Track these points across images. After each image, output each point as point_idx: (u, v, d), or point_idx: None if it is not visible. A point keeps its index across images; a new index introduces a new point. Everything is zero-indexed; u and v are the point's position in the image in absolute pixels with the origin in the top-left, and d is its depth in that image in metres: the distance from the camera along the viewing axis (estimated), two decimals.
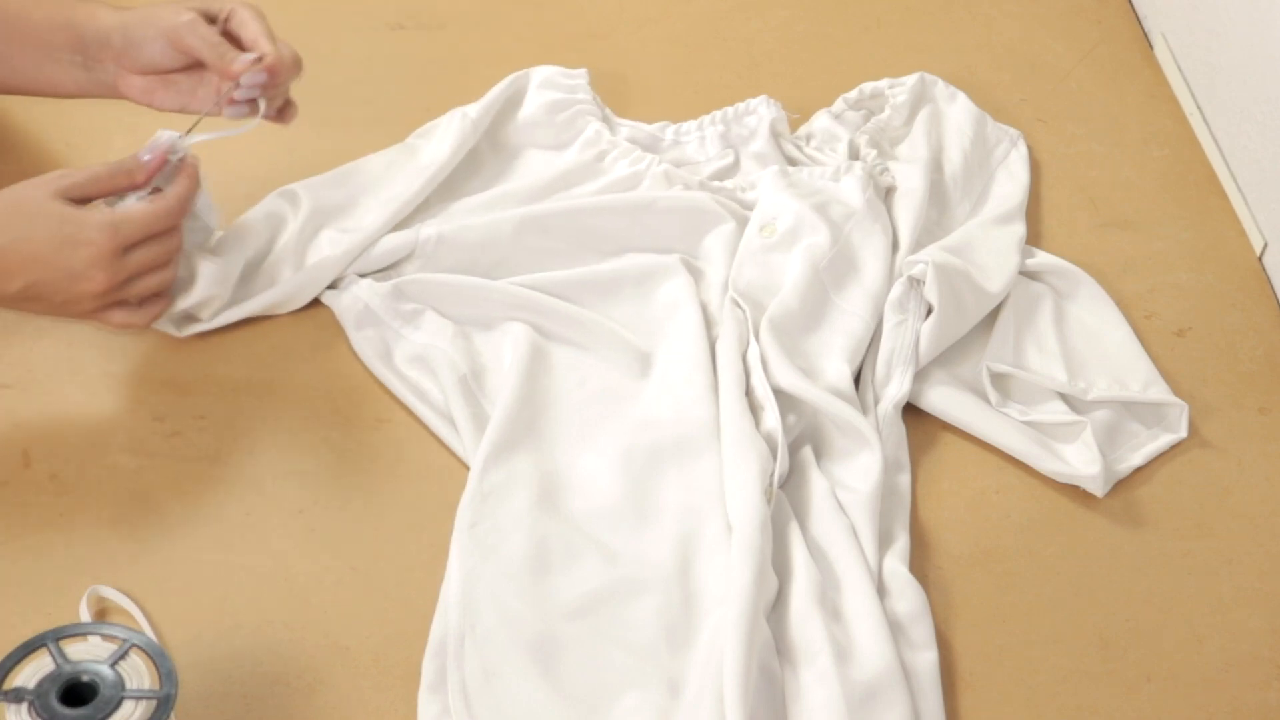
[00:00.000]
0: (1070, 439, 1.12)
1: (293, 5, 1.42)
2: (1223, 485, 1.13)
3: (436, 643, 0.99)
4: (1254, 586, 1.07)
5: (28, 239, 1.03)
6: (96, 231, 1.04)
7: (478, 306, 1.17)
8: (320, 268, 1.17)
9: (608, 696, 0.97)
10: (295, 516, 1.07)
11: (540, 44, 1.41)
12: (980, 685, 1.01)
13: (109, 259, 1.05)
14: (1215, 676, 1.02)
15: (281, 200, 1.20)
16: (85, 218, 1.05)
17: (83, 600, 1.00)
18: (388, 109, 1.33)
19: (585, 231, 1.21)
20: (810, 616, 1.00)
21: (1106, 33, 1.47)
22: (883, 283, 1.18)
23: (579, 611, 1.00)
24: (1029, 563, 1.08)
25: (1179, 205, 1.32)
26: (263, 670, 0.99)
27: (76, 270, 1.04)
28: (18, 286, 1.04)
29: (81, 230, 1.04)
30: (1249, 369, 1.20)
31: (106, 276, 1.05)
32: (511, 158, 1.29)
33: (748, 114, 1.30)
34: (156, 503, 1.07)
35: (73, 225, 1.04)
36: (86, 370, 1.14)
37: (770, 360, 1.12)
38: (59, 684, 0.86)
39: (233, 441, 1.11)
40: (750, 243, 1.20)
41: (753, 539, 1.01)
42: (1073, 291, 1.22)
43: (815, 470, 1.09)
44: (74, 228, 1.04)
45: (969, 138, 1.31)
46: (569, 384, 1.14)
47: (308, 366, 1.16)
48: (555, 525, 1.04)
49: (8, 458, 1.09)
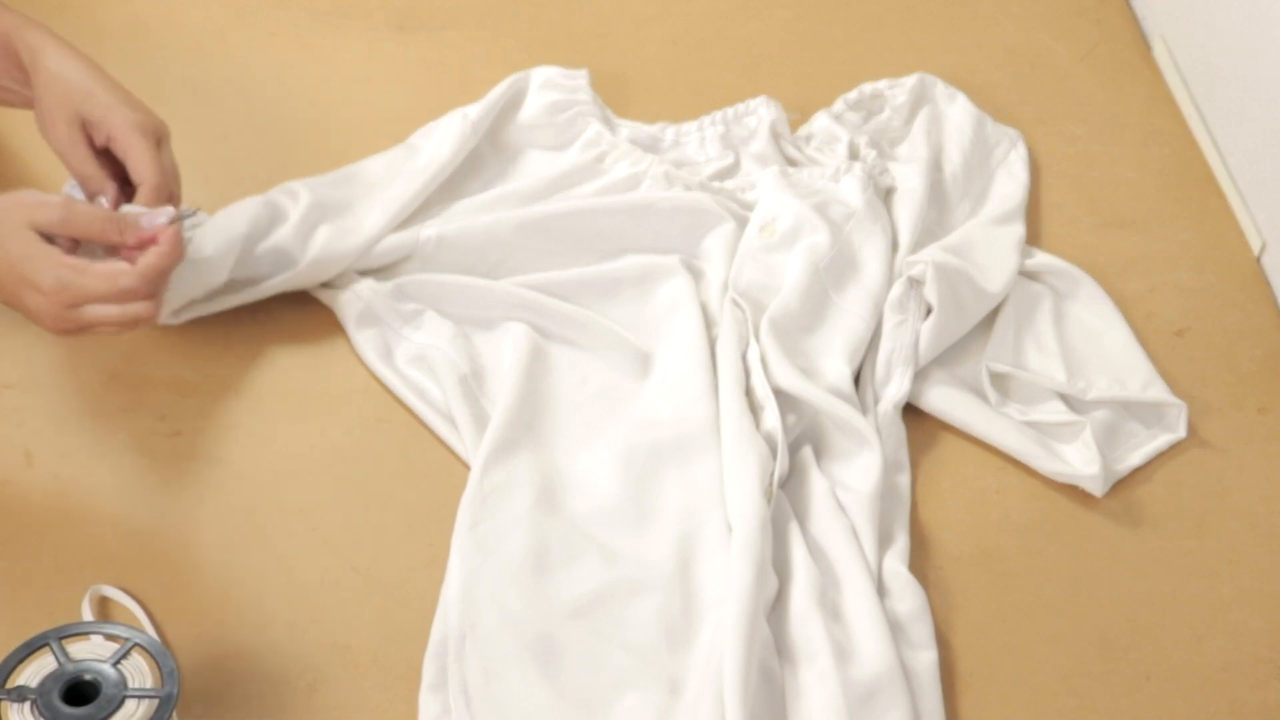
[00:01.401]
0: (1070, 439, 1.12)
1: (293, 5, 1.43)
2: (1222, 485, 1.13)
3: (437, 642, 0.99)
4: (1254, 586, 1.07)
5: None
6: (45, 278, 1.00)
7: (478, 307, 1.17)
8: (318, 263, 1.17)
9: (608, 696, 0.97)
10: (295, 516, 1.07)
11: (540, 44, 1.41)
12: (980, 685, 1.01)
13: (56, 311, 1.01)
14: (1215, 676, 1.02)
15: (281, 194, 1.20)
16: (41, 266, 1.00)
17: (85, 599, 1.00)
18: (388, 109, 1.33)
19: (585, 232, 1.21)
20: (810, 616, 1.00)
21: (1106, 33, 1.47)
22: (883, 283, 1.18)
23: (579, 611, 1.00)
24: (1029, 563, 1.08)
25: (1178, 205, 1.32)
26: (263, 670, 0.99)
27: (28, 309, 1.02)
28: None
29: (35, 276, 1.00)
30: (1248, 369, 1.20)
31: (54, 324, 1.02)
32: (512, 158, 1.29)
33: (748, 114, 1.30)
34: (157, 502, 1.07)
35: (28, 267, 1.00)
36: (87, 370, 1.14)
37: (770, 360, 1.12)
38: (61, 683, 0.86)
39: (233, 441, 1.11)
40: (750, 243, 1.20)
41: (753, 539, 1.01)
42: (1072, 291, 1.23)
43: (815, 470, 1.09)
44: (29, 269, 1.00)
45: (969, 138, 1.31)
46: (569, 384, 1.14)
47: (308, 366, 1.16)
48: (555, 525, 1.04)
49: (9, 457, 1.09)
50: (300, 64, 1.37)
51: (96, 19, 1.40)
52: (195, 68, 1.15)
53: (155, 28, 1.40)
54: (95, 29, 1.38)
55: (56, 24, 1.13)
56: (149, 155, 1.07)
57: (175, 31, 1.40)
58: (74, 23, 1.38)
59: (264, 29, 1.41)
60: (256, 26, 1.41)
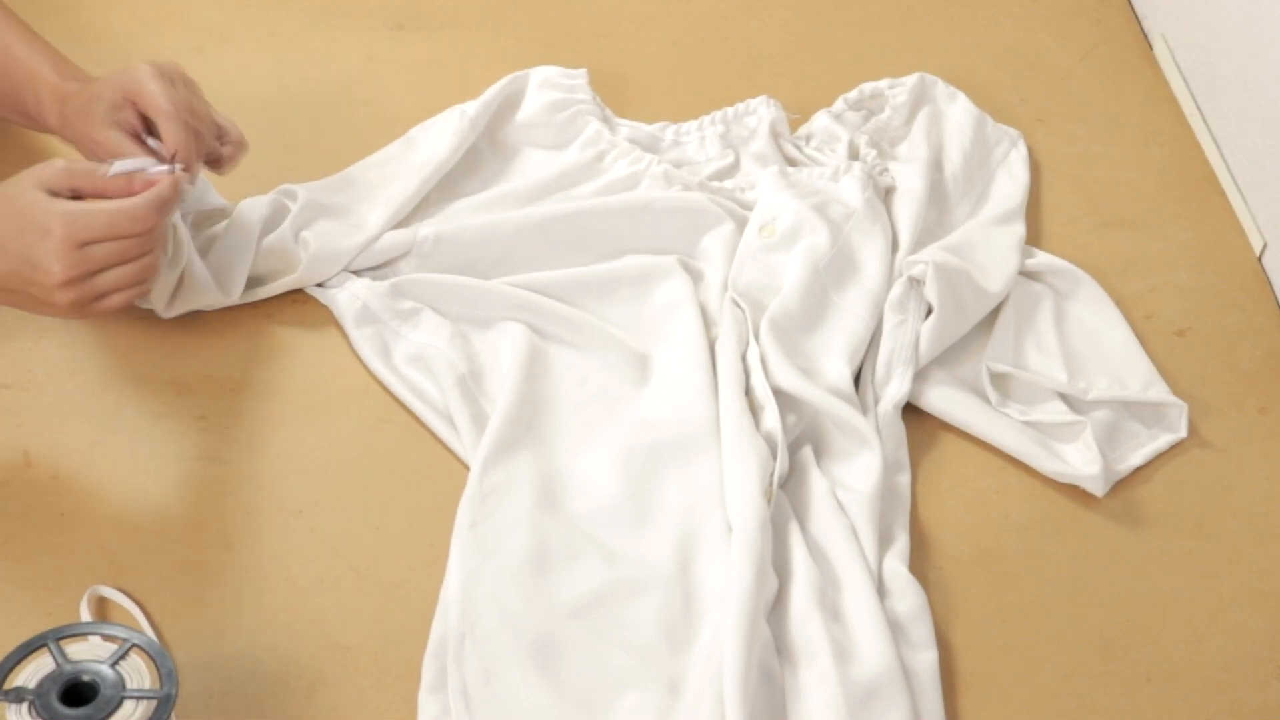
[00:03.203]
0: (1070, 439, 1.12)
1: (293, 5, 1.43)
2: (1223, 485, 1.13)
3: (436, 643, 0.99)
4: (1254, 586, 1.07)
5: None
6: (53, 219, 1.01)
7: (475, 306, 1.17)
8: (318, 261, 1.17)
9: (608, 696, 0.97)
10: (295, 516, 1.07)
11: (540, 44, 1.41)
12: (980, 685, 1.01)
13: (65, 250, 1.02)
14: (1215, 676, 1.02)
15: (279, 196, 1.20)
16: (48, 205, 1.02)
17: (83, 600, 1.00)
18: (388, 109, 1.33)
19: (583, 232, 1.21)
20: (810, 616, 1.00)
21: (1106, 33, 1.47)
22: (882, 283, 1.18)
23: (579, 611, 1.00)
24: (1029, 563, 1.08)
25: (1179, 205, 1.32)
26: (263, 670, 0.99)
27: (34, 259, 1.02)
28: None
29: (41, 217, 1.02)
30: (1249, 369, 1.20)
31: (63, 268, 1.02)
32: (511, 157, 1.29)
33: (748, 114, 1.30)
34: (156, 503, 1.07)
35: (34, 210, 1.02)
36: (86, 370, 1.14)
37: (770, 360, 1.12)
38: (59, 684, 0.86)
39: (233, 441, 1.11)
40: (750, 243, 1.20)
41: (753, 539, 1.01)
42: (1073, 291, 1.22)
43: (815, 470, 1.09)
44: (35, 212, 1.02)
45: (969, 138, 1.31)
46: (569, 384, 1.14)
47: (307, 366, 1.16)
48: (555, 525, 1.04)
49: (8, 458, 1.09)
50: (300, 64, 1.37)
51: (96, 19, 1.40)
52: (195, 68, 1.15)
53: (155, 28, 1.40)
54: (95, 29, 1.38)
55: (57, 25, 1.14)
56: (160, 91, 1.10)
57: (175, 31, 1.40)
58: (74, 23, 1.38)
59: (264, 29, 1.41)
60: (256, 26, 1.41)
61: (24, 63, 1.15)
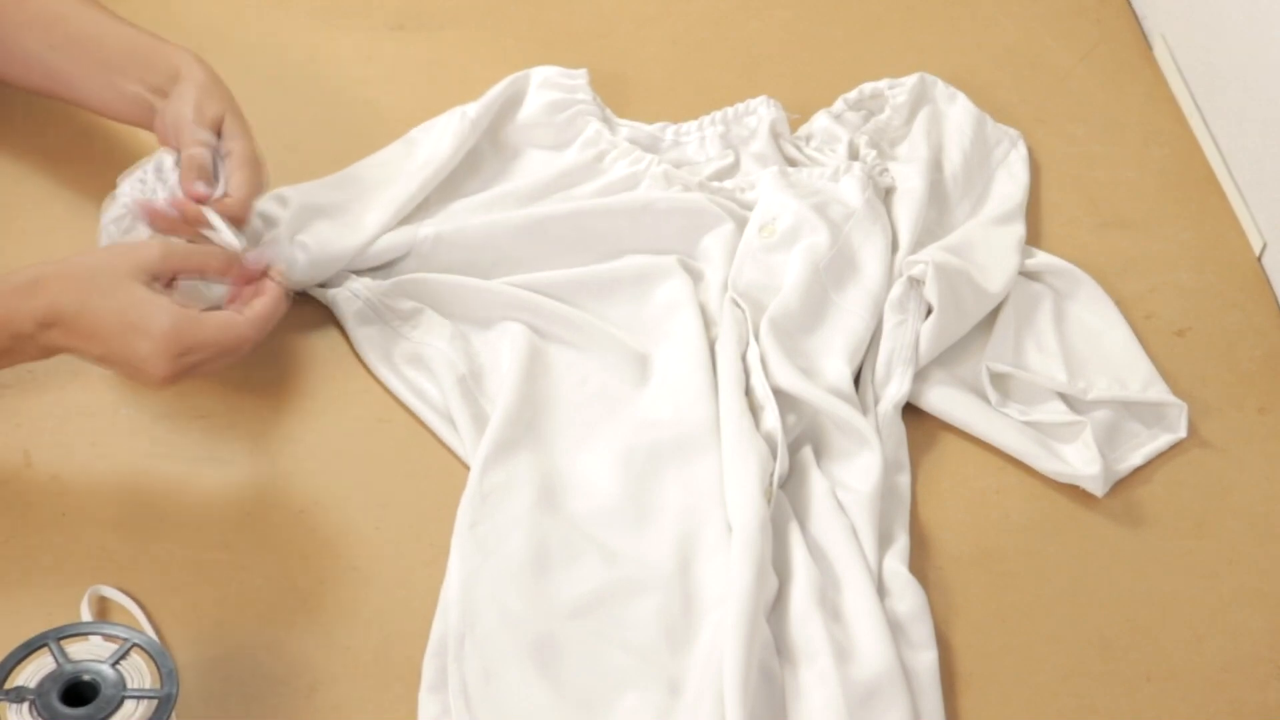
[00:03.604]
0: (1070, 439, 1.12)
1: (293, 5, 1.43)
2: (1223, 485, 1.13)
3: (437, 643, 0.99)
4: (1254, 586, 1.07)
5: (95, 312, 1.00)
6: (157, 327, 1.00)
7: (475, 306, 1.17)
8: (317, 262, 1.16)
9: (608, 696, 0.97)
10: (296, 516, 1.07)
11: (540, 44, 1.40)
12: (980, 685, 1.01)
13: (169, 357, 1.01)
14: (1215, 676, 1.02)
15: (271, 201, 1.20)
16: (151, 308, 1.00)
17: (83, 600, 1.00)
18: (388, 109, 1.33)
19: (583, 232, 1.21)
20: (810, 616, 1.00)
21: (1106, 33, 1.47)
22: (882, 283, 1.18)
23: (579, 611, 1.00)
24: (1029, 563, 1.08)
25: (1179, 205, 1.32)
26: (263, 670, 0.99)
27: (137, 360, 1.01)
28: (96, 353, 1.02)
29: (143, 322, 1.00)
30: (1248, 369, 1.20)
31: (165, 372, 1.01)
32: (511, 158, 1.29)
33: (748, 114, 1.30)
34: (157, 502, 1.07)
35: (136, 312, 1.00)
36: (86, 370, 1.13)
37: (770, 360, 1.12)
38: (60, 683, 0.86)
39: (233, 441, 1.11)
40: (750, 243, 1.20)
41: (753, 539, 1.01)
42: (1072, 291, 1.22)
43: (815, 470, 1.09)
44: (137, 315, 1.00)
45: (969, 138, 1.31)
46: (569, 384, 1.14)
47: (307, 366, 1.16)
48: (555, 525, 1.04)
49: (8, 457, 1.09)
50: (300, 64, 1.37)
51: None
52: None
53: (155, 28, 1.39)
54: None
55: None
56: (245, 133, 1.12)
57: (175, 31, 1.39)
58: None
59: (264, 29, 1.41)
60: (256, 26, 1.41)
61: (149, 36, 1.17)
